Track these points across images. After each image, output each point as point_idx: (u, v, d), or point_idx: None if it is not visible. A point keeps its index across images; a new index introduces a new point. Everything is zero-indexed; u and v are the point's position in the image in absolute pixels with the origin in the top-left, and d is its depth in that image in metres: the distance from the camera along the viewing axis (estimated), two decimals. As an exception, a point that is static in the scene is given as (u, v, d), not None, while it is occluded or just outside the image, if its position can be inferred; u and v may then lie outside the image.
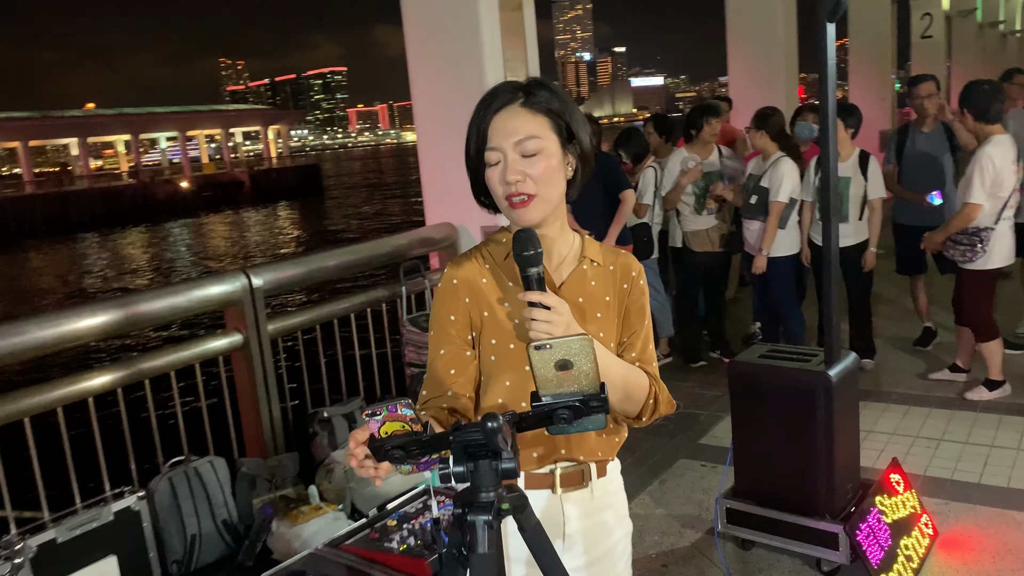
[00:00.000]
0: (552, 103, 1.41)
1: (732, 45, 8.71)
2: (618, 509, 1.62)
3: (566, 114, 1.42)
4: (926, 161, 5.11)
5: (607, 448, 1.55)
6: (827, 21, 2.54)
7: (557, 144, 1.42)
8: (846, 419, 2.80)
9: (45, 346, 2.86)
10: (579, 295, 1.48)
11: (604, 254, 1.55)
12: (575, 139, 1.43)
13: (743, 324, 6.03)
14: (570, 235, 1.53)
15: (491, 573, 1.03)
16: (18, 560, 2.43)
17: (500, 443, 1.02)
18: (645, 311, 1.55)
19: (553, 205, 1.43)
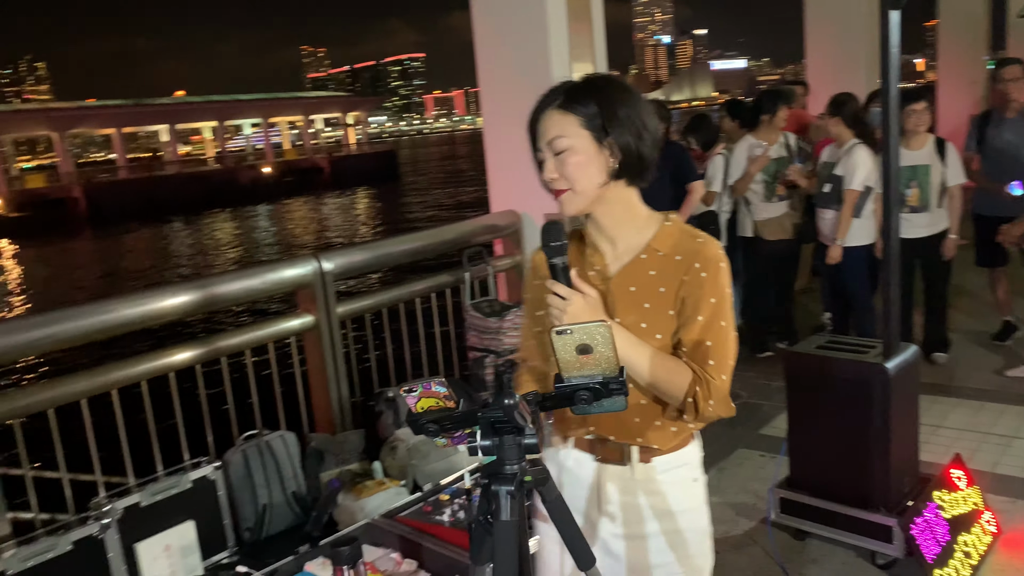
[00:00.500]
0: (588, 102, 1.48)
1: (810, 26, 8.49)
2: (668, 503, 1.61)
3: (604, 111, 1.48)
4: (1009, 149, 4.91)
5: (651, 436, 1.58)
6: (891, 8, 2.50)
7: (589, 140, 1.48)
8: (904, 412, 2.76)
9: (131, 323, 3.07)
10: (632, 284, 1.54)
11: (677, 243, 1.54)
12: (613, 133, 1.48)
13: (813, 315, 5.93)
14: (638, 224, 1.57)
15: (512, 538, 1.11)
16: (106, 520, 2.64)
17: (519, 419, 1.09)
18: (702, 305, 1.49)
19: (588, 198, 1.51)
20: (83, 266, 28.60)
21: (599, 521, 1.64)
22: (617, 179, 1.52)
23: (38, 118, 50.87)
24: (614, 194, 1.54)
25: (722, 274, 1.51)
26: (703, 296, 1.49)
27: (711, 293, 1.49)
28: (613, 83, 1.54)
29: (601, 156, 1.49)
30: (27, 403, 2.78)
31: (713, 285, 1.50)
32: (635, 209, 1.58)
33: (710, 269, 1.50)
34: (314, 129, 65.50)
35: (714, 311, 1.50)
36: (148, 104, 56.78)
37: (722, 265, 1.51)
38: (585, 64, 4.79)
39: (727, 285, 1.51)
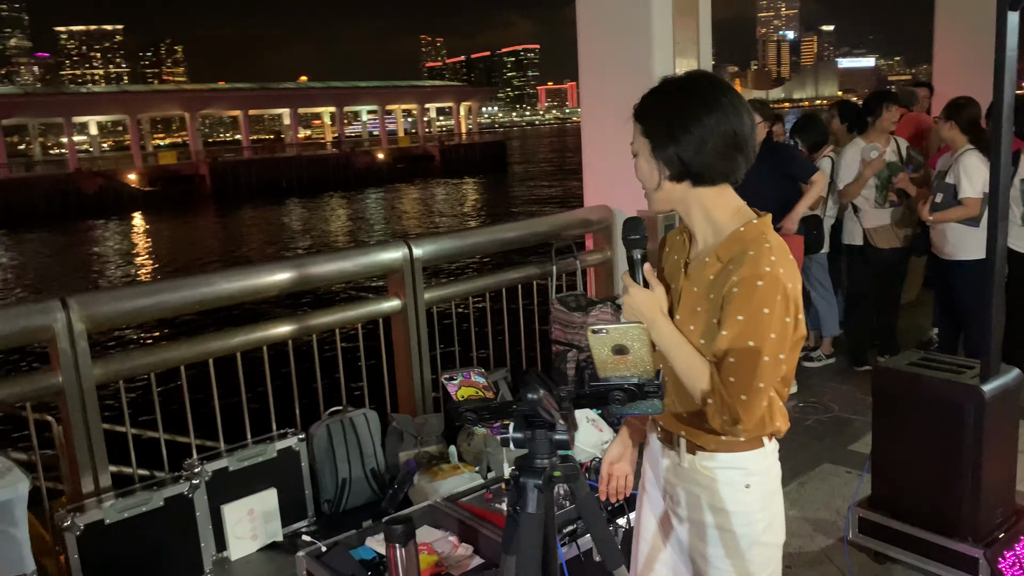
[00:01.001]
0: (649, 109, 1.58)
1: (940, 25, 8.03)
2: (718, 499, 1.62)
3: (662, 117, 1.55)
4: None
5: (695, 431, 1.61)
6: (1010, 9, 2.34)
7: (646, 147, 1.57)
8: (1000, 438, 2.60)
9: (231, 297, 3.25)
10: (696, 285, 1.58)
11: (736, 252, 1.52)
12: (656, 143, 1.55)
13: (921, 329, 5.64)
14: (717, 226, 1.58)
15: (537, 531, 1.12)
16: (196, 481, 2.81)
17: (544, 414, 1.10)
18: (729, 320, 1.47)
19: (655, 199, 1.61)
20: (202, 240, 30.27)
21: (664, 498, 1.72)
22: (679, 182, 1.56)
23: (173, 98, 54.08)
24: (682, 195, 1.58)
25: (758, 292, 1.46)
26: (732, 312, 1.48)
27: (739, 310, 1.47)
28: (678, 87, 1.57)
29: (656, 161, 1.57)
30: (132, 366, 2.99)
31: (744, 302, 1.46)
32: (713, 211, 1.58)
33: (744, 286, 1.47)
34: (428, 117, 66.83)
35: (741, 329, 1.47)
36: (273, 88, 59.39)
37: (760, 284, 1.46)
38: (689, 60, 4.70)
39: (765, 305, 1.45)
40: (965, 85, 6.34)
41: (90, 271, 24.89)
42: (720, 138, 1.51)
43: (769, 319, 1.46)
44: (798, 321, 1.52)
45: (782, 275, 1.46)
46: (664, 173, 1.56)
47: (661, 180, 1.56)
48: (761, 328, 1.46)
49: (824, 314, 5.32)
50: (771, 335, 1.46)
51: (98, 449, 2.81)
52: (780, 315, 1.47)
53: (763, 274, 1.46)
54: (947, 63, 7.89)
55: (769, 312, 1.45)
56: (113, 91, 59.86)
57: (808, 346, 5.47)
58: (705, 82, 1.58)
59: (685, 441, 1.63)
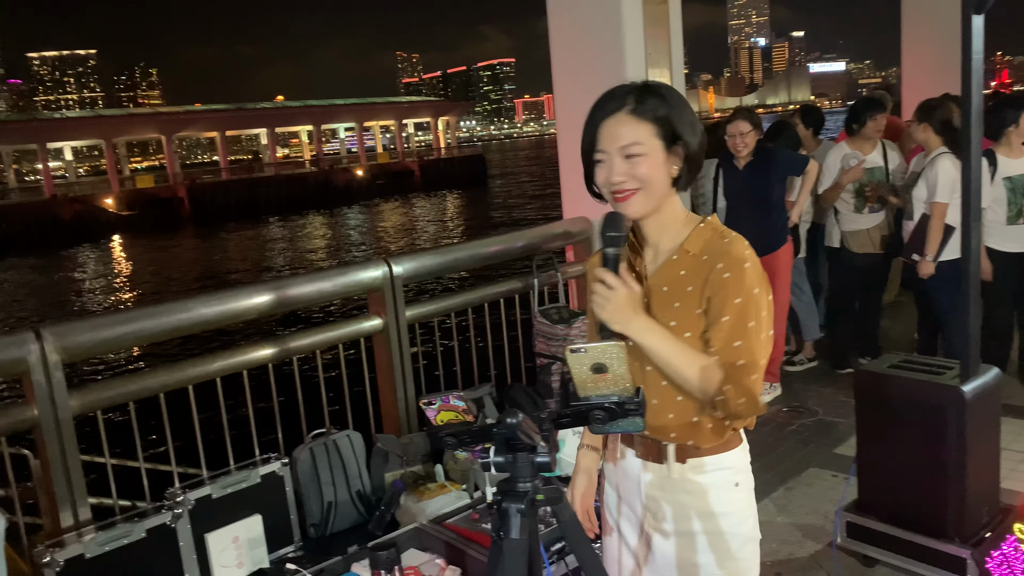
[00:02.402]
0: (659, 109, 1.54)
1: (907, 28, 8.14)
2: (709, 504, 1.62)
3: (673, 119, 1.54)
4: None
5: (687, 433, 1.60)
6: (974, 14, 2.37)
7: (661, 148, 1.55)
8: (982, 438, 2.62)
9: (209, 323, 3.21)
10: (664, 284, 1.59)
11: (706, 243, 1.56)
12: (680, 141, 1.55)
13: (909, 331, 5.68)
14: (677, 230, 1.61)
15: (521, 556, 1.11)
16: (178, 510, 2.77)
17: (523, 437, 1.09)
18: (727, 306, 1.51)
19: (654, 202, 1.57)
20: (182, 263, 30.04)
21: (644, 517, 1.68)
22: (674, 184, 1.58)
23: (148, 122, 53.76)
24: (667, 201, 1.60)
25: (748, 274, 1.50)
26: (728, 297, 1.51)
27: (735, 293, 1.50)
28: (673, 90, 1.59)
29: (668, 162, 1.56)
30: (110, 395, 2.94)
31: (738, 285, 1.50)
32: (677, 213, 1.62)
33: (734, 269, 1.51)
34: (406, 133, 66.83)
35: (740, 311, 1.51)
36: (249, 108, 59.18)
37: (747, 266, 1.51)
38: (662, 69, 4.73)
39: (755, 285, 1.51)
40: (934, 87, 6.43)
41: (67, 299, 24.61)
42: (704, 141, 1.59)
43: (760, 298, 1.52)
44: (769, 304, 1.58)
45: (756, 261, 1.54)
46: (671, 175, 1.56)
47: (663, 178, 1.55)
48: (754, 307, 1.51)
49: (803, 318, 5.35)
50: (763, 313, 1.52)
51: (76, 482, 2.76)
52: (766, 294, 1.53)
53: (747, 256, 1.52)
54: (915, 66, 7.99)
55: (759, 291, 1.51)
56: (88, 116, 59.45)
57: (790, 350, 5.49)
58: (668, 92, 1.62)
59: (674, 450, 1.61)
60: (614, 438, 1.74)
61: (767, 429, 4.30)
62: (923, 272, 4.48)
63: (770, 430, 4.29)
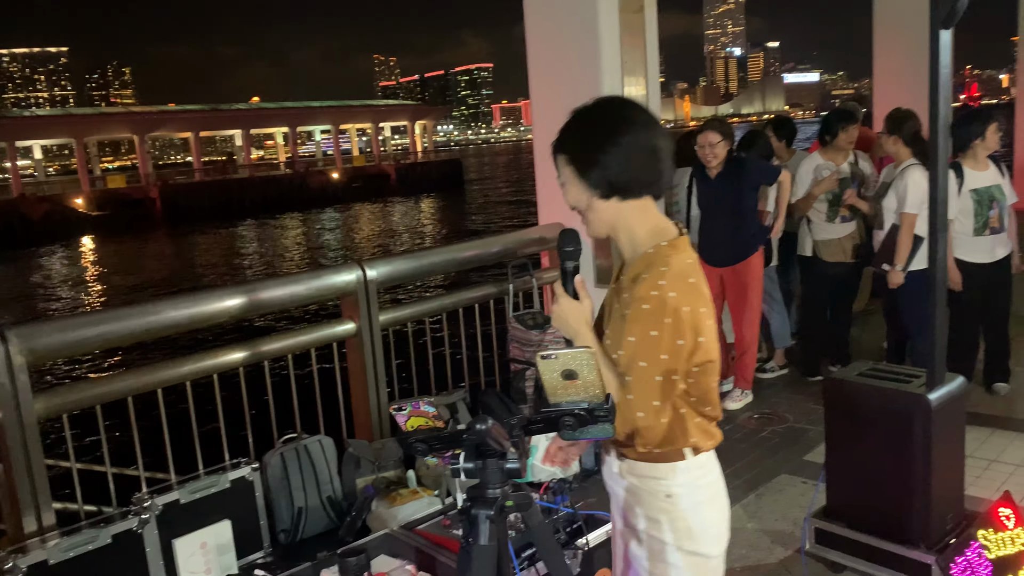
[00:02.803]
0: (565, 139, 1.67)
1: (879, 40, 8.27)
2: (640, 505, 1.68)
3: (580, 144, 1.64)
4: None
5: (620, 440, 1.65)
6: (942, 28, 2.42)
7: (573, 175, 1.65)
8: (947, 446, 2.66)
9: (179, 326, 3.18)
10: (615, 302, 1.66)
11: (637, 273, 1.59)
12: (595, 165, 1.61)
13: (871, 339, 5.75)
14: (635, 244, 1.65)
15: (490, 563, 1.11)
16: (145, 516, 2.73)
17: (492, 444, 1.09)
18: (623, 342, 1.53)
19: (592, 224, 1.67)
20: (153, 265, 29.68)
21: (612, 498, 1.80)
22: (608, 198, 1.62)
23: (121, 121, 53.06)
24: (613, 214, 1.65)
25: (644, 315, 1.52)
26: (626, 332, 1.54)
27: (631, 331, 1.53)
28: (585, 118, 1.66)
29: (590, 187, 1.64)
30: (77, 398, 2.90)
31: (633, 323, 1.53)
32: (636, 227, 1.65)
33: (634, 307, 1.54)
34: (383, 137, 66.61)
35: (634, 349, 1.53)
36: (224, 109, 58.67)
37: (645, 307, 1.52)
38: (637, 78, 4.77)
39: (652, 327, 1.51)
40: (905, 98, 6.53)
41: (34, 300, 24.20)
42: (640, 152, 1.60)
43: (658, 341, 1.51)
44: (698, 344, 1.56)
45: (671, 299, 1.52)
46: (594, 193, 1.63)
47: (591, 200, 1.63)
48: (651, 349, 1.52)
49: (775, 326, 5.41)
50: (662, 356, 1.52)
51: (41, 487, 2.71)
52: (670, 337, 1.52)
53: (649, 297, 1.52)
54: (887, 78, 8.11)
55: (658, 335, 1.51)
56: (58, 114, 58.66)
57: (762, 357, 5.54)
58: (618, 103, 1.70)
59: (615, 448, 1.70)
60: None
61: (738, 436, 4.33)
62: (892, 282, 4.54)
63: (741, 437, 4.32)
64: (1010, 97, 13.39)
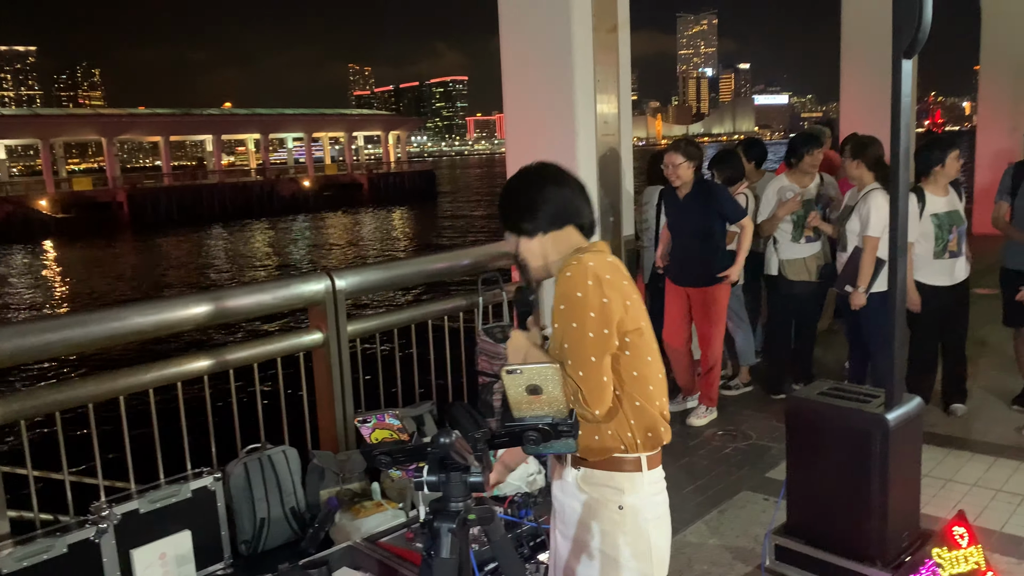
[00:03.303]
0: (507, 214, 1.95)
1: (846, 65, 8.46)
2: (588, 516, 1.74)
3: (515, 213, 1.92)
4: None
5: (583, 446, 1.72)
6: (904, 58, 2.49)
7: (512, 235, 1.97)
8: (904, 465, 2.71)
9: (144, 332, 3.14)
10: (551, 319, 1.81)
11: (560, 273, 1.79)
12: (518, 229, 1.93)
13: (834, 359, 5.85)
14: (555, 269, 1.86)
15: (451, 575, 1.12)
16: (103, 525, 2.68)
17: (456, 457, 1.10)
18: (555, 313, 1.73)
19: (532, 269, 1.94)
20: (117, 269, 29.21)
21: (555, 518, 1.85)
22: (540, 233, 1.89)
23: (89, 123, 52.22)
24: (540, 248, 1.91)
25: (566, 282, 1.73)
26: (554, 306, 1.74)
27: (558, 301, 1.74)
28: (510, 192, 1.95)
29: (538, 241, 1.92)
30: (36, 404, 2.85)
31: (561, 293, 1.73)
32: (561, 250, 1.88)
33: (555, 304, 1.74)
34: (356, 146, 66.37)
35: (562, 316, 1.72)
36: (195, 114, 58.02)
37: (568, 274, 1.73)
38: (610, 95, 4.83)
39: (575, 289, 1.71)
40: (870, 123, 6.68)
41: (-8, 302, 23.69)
42: (562, 200, 1.89)
43: (584, 300, 1.70)
44: (623, 330, 1.73)
45: (580, 299, 1.70)
46: (523, 240, 1.92)
47: (545, 251, 1.88)
48: (580, 310, 1.70)
49: (740, 344, 5.48)
50: (589, 334, 1.68)
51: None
52: (595, 326, 1.69)
53: (567, 270, 1.75)
54: (852, 103, 8.31)
55: (580, 295, 1.70)
56: (24, 114, 57.61)
57: (726, 374, 5.61)
58: (534, 172, 1.93)
59: (571, 456, 1.74)
60: None
61: (702, 452, 4.38)
62: (855, 303, 4.63)
63: (705, 453, 4.37)
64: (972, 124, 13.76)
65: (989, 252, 5.06)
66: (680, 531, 3.46)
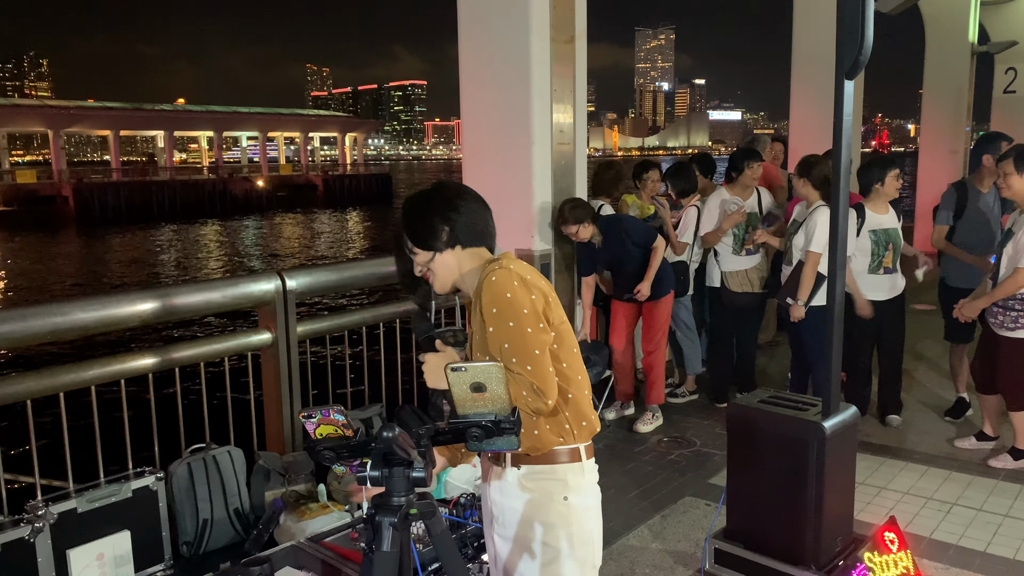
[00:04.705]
0: (406, 225, 1.96)
1: (796, 86, 8.68)
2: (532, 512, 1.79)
3: (410, 225, 1.94)
4: (980, 222, 4.99)
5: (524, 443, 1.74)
6: (846, 79, 2.59)
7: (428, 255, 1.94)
8: (839, 471, 2.80)
9: (87, 328, 3.08)
10: (475, 330, 1.89)
11: (477, 287, 1.84)
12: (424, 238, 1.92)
13: (777, 369, 5.99)
14: (473, 278, 1.91)
15: (392, 570, 1.13)
16: (38, 524, 2.62)
17: (399, 452, 1.12)
18: (487, 318, 1.78)
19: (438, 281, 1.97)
20: (60, 265, 28.43)
21: (491, 522, 1.87)
22: (449, 247, 1.91)
23: (34, 114, 50.73)
24: (454, 260, 1.93)
25: (493, 286, 1.77)
26: (484, 313, 1.79)
27: (488, 306, 1.78)
28: (412, 210, 1.96)
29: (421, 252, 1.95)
30: (-29, 400, 2.77)
31: (489, 298, 1.78)
32: (466, 270, 1.93)
33: (483, 290, 1.80)
34: (312, 147, 65.68)
35: (495, 319, 1.77)
36: (147, 109, 56.77)
37: (493, 278, 1.78)
38: (566, 106, 4.89)
39: (504, 291, 1.76)
40: (818, 142, 6.88)
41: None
42: (473, 215, 1.93)
43: (515, 299, 1.76)
44: (550, 325, 1.82)
45: (511, 299, 1.76)
46: (436, 249, 1.91)
47: (435, 256, 1.91)
48: (513, 309, 1.75)
49: (688, 353, 5.58)
50: (527, 330, 1.74)
51: (-74, 491, 2.58)
52: (530, 322, 1.75)
53: (490, 299, 1.78)
54: (801, 121, 8.53)
55: (510, 296, 1.76)
56: (-35, 103, 55.76)
57: (673, 383, 5.71)
58: (439, 190, 1.97)
59: (510, 456, 1.78)
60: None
61: (647, 458, 4.45)
62: (794, 316, 4.76)
63: (650, 459, 4.44)
64: (916, 146, 14.23)
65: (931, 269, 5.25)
66: (623, 535, 3.51)
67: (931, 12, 11.32)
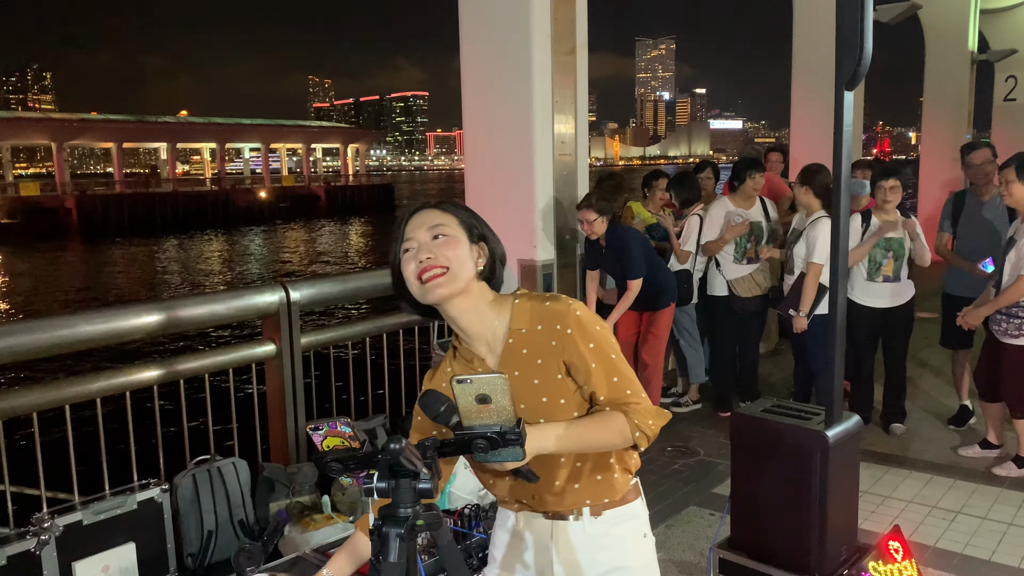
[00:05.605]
0: (461, 210, 1.66)
1: (796, 93, 8.73)
2: (629, 554, 1.68)
3: (475, 220, 1.65)
4: (982, 230, 5.01)
5: (599, 492, 1.67)
6: (846, 89, 2.60)
7: (465, 236, 1.61)
8: (843, 481, 2.80)
9: (92, 340, 3.10)
10: (515, 369, 1.60)
11: (533, 316, 1.61)
12: (484, 239, 1.64)
13: (780, 378, 5.98)
14: (496, 313, 1.63)
15: (398, 581, 1.15)
16: (44, 537, 2.63)
17: (405, 463, 1.14)
18: (587, 356, 1.57)
19: (461, 283, 1.57)
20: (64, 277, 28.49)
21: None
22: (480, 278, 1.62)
23: (38, 127, 51.01)
24: (477, 289, 1.62)
25: (583, 321, 1.58)
26: (582, 349, 1.57)
27: (585, 342, 1.58)
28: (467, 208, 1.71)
29: (472, 252, 1.61)
30: (-23, 413, 2.79)
31: (582, 334, 1.58)
32: (487, 298, 1.64)
33: (571, 323, 1.57)
34: (314, 158, 65.87)
35: (598, 354, 1.58)
36: (150, 121, 57.00)
37: (578, 313, 1.58)
38: (567, 116, 4.92)
39: (594, 324, 1.60)
40: (818, 151, 6.91)
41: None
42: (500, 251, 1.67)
43: (604, 331, 1.62)
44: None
45: (599, 332, 1.61)
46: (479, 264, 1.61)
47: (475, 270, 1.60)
48: (606, 343, 1.61)
49: (691, 362, 5.59)
50: (612, 339, 1.63)
51: (-68, 504, 2.59)
52: (606, 329, 1.63)
53: (570, 308, 1.59)
54: (802, 130, 8.57)
55: (599, 328, 1.61)
56: (-31, 116, 56.01)
57: (677, 392, 5.71)
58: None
59: (589, 507, 1.65)
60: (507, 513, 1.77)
61: (651, 468, 4.45)
62: (797, 327, 4.77)
63: (653, 469, 4.44)
64: (917, 154, 14.25)
65: (933, 277, 5.27)
66: (628, 545, 3.51)
67: (931, 21, 11.39)
